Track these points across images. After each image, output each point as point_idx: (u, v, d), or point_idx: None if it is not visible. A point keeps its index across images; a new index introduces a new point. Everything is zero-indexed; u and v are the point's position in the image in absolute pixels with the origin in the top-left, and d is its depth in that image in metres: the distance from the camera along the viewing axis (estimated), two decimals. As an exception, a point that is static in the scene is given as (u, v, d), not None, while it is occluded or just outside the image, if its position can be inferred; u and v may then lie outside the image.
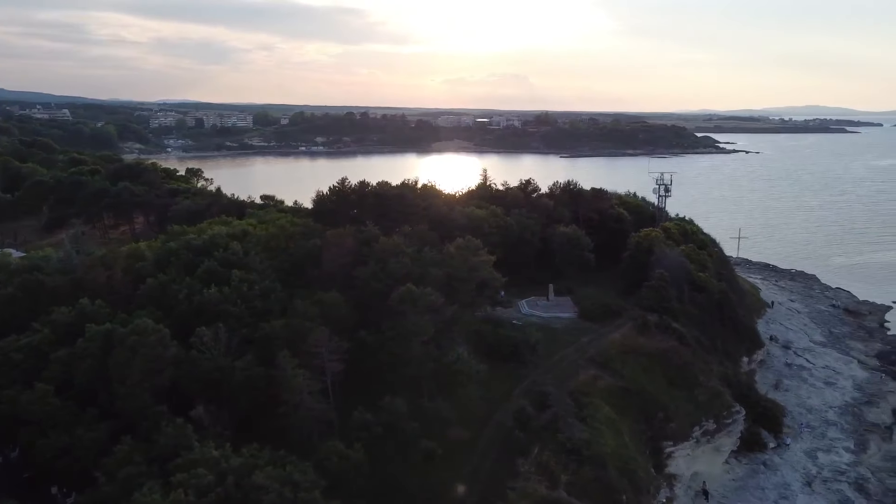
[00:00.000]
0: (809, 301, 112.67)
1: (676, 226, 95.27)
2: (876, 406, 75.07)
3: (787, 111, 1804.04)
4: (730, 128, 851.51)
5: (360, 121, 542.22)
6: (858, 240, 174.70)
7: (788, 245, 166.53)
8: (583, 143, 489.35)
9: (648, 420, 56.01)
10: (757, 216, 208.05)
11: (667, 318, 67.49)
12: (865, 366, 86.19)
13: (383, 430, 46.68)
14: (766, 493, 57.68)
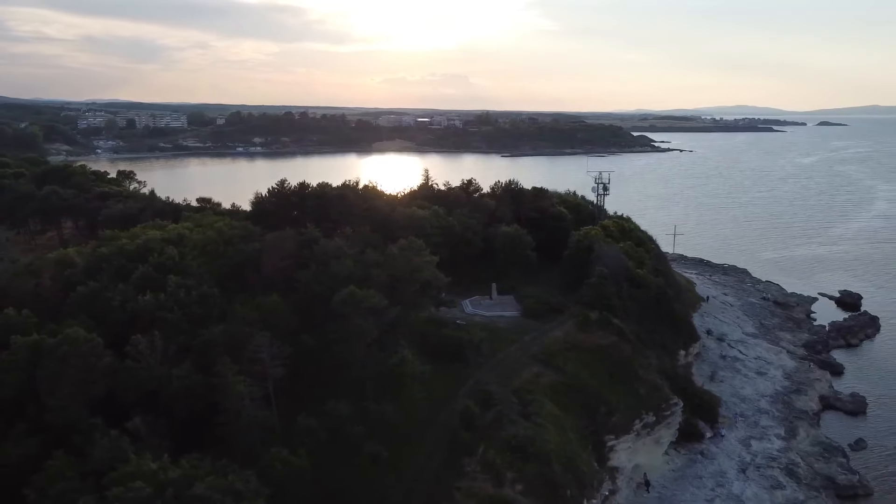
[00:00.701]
0: (742, 294, 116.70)
1: (615, 224, 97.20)
2: (804, 394, 78.33)
3: (718, 111, 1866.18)
4: (664, 127, 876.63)
5: (300, 121, 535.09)
6: (785, 234, 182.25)
7: (721, 240, 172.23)
8: (523, 143, 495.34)
9: (591, 415, 56.98)
10: (691, 213, 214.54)
11: (607, 314, 68.78)
12: (794, 355, 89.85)
13: (328, 434, 46.25)
14: (704, 482, 59.47)
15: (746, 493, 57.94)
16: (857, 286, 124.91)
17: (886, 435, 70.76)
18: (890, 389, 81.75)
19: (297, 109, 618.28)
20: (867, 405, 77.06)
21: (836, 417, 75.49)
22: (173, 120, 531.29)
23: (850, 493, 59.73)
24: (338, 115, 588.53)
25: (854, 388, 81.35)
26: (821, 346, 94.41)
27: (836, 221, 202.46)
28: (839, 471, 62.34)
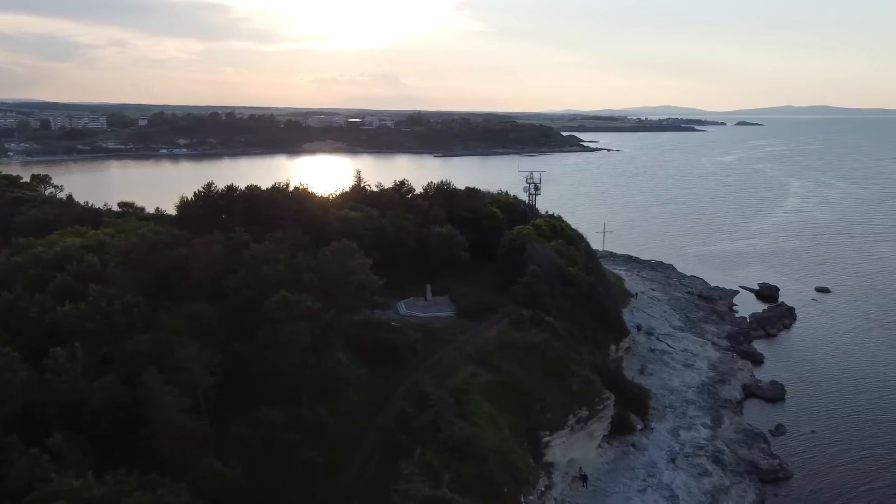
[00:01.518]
0: (668, 289, 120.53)
1: (547, 222, 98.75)
2: (728, 383, 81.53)
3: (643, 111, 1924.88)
4: (593, 127, 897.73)
5: (226, 121, 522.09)
6: (707, 230, 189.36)
7: (648, 237, 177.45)
8: (456, 143, 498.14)
9: (526, 412, 57.69)
10: (619, 210, 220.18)
11: (540, 312, 69.81)
12: (718, 347, 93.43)
13: (261, 442, 45.24)
14: (636, 473, 61.09)
15: (676, 481, 59.85)
16: (775, 279, 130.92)
17: (803, 420, 74.38)
18: (805, 376, 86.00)
19: (224, 110, 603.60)
20: (785, 392, 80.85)
21: (757, 405, 78.87)
22: (92, 121, 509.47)
23: (771, 477, 62.50)
24: (266, 116, 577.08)
25: (773, 376, 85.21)
26: (742, 337, 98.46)
27: (753, 217, 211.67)
28: (761, 456, 65.14)
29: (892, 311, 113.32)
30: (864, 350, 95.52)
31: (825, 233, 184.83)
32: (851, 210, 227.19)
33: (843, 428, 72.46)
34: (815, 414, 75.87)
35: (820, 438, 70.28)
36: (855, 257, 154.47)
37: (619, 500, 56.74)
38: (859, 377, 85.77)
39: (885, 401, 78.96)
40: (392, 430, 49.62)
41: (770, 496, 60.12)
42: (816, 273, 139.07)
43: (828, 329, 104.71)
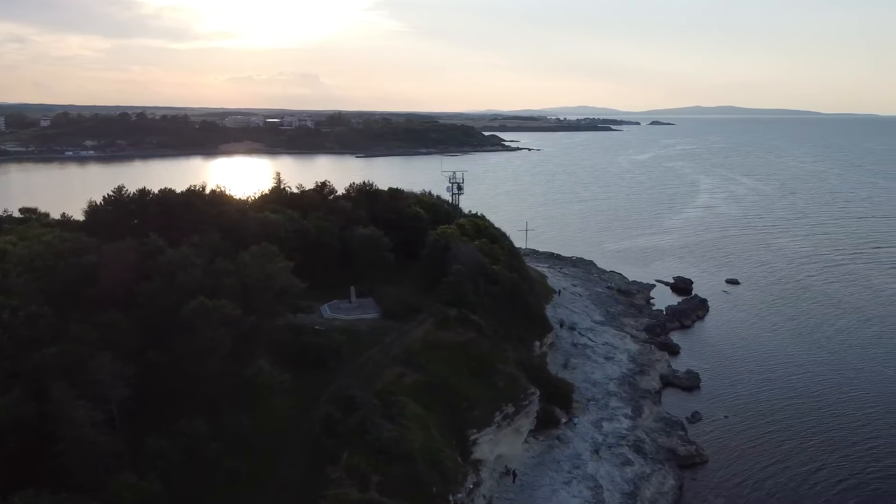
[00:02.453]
0: (589, 284, 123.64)
1: (470, 222, 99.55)
2: (647, 374, 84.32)
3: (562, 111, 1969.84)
4: (513, 127, 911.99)
5: (137, 122, 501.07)
6: (624, 226, 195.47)
7: (569, 234, 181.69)
8: (378, 143, 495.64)
9: (453, 411, 57.89)
10: (541, 208, 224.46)
11: (465, 311, 70.29)
12: (637, 339, 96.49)
13: (182, 454, 43.65)
14: (562, 465, 62.35)
15: (600, 472, 61.43)
16: (688, 272, 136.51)
17: (717, 406, 77.74)
18: (718, 365, 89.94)
19: (134, 110, 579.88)
20: (700, 380, 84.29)
21: (674, 394, 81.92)
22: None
23: (689, 463, 65.02)
24: (180, 116, 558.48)
25: (689, 366, 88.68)
26: (660, 329, 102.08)
27: (667, 213, 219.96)
28: (679, 443, 67.64)
29: (794, 300, 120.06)
30: (771, 337, 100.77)
31: (733, 227, 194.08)
32: (755, 205, 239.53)
33: (753, 412, 76.17)
34: (727, 400, 79.42)
35: (732, 423, 73.63)
36: (760, 250, 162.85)
37: (545, 494, 57.74)
38: (767, 363, 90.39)
39: (792, 385, 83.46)
40: (318, 435, 48.83)
41: (688, 481, 62.51)
42: (726, 265, 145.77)
43: (738, 319, 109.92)
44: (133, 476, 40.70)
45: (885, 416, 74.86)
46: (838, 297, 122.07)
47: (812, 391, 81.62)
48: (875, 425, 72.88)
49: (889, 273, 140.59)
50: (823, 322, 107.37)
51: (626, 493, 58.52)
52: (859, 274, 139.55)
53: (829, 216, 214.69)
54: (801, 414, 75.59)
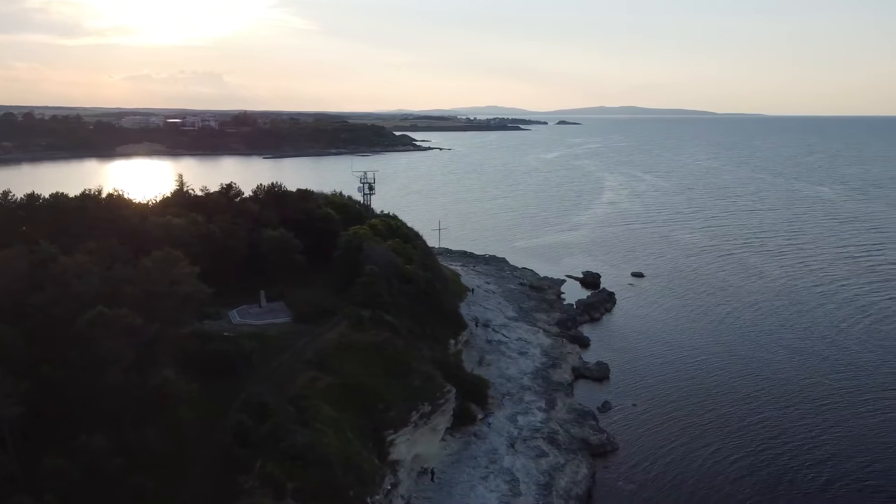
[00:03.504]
0: (502, 281, 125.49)
1: (382, 222, 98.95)
2: (559, 367, 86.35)
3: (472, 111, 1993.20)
4: (424, 126, 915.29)
5: (23, 122, 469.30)
6: (534, 223, 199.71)
7: (481, 232, 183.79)
8: (286, 144, 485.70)
9: (369, 412, 57.36)
10: (453, 207, 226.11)
11: (379, 311, 69.79)
12: (549, 333, 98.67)
13: (82, 472, 41.26)
14: (479, 461, 62.90)
15: (516, 465, 62.38)
16: (596, 266, 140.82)
17: (626, 395, 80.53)
18: (626, 355, 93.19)
19: (20, 109, 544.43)
20: (610, 371, 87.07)
21: (586, 385, 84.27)
22: None
23: (601, 451, 67.00)
24: (72, 116, 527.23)
25: (599, 357, 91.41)
26: (571, 323, 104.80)
27: (574, 209, 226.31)
28: (591, 432, 69.62)
29: (693, 289, 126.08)
30: (673, 326, 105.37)
31: (636, 222, 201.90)
32: (656, 200, 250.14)
33: (659, 399, 79.36)
34: (635, 388, 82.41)
35: (640, 410, 76.47)
36: (661, 243, 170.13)
37: (463, 490, 58.09)
38: (671, 351, 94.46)
39: (694, 370, 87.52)
40: (229, 444, 47.23)
41: (600, 468, 64.40)
42: (631, 259, 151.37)
43: (643, 310, 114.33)
44: (28, 499, 38.21)
45: (775, 397, 79.55)
46: (732, 285, 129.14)
47: (711, 376, 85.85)
48: (767, 406, 77.33)
49: (775, 261, 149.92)
50: (720, 309, 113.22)
51: (541, 485, 59.67)
52: (750, 263, 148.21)
53: (722, 210, 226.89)
54: (703, 398, 79.35)
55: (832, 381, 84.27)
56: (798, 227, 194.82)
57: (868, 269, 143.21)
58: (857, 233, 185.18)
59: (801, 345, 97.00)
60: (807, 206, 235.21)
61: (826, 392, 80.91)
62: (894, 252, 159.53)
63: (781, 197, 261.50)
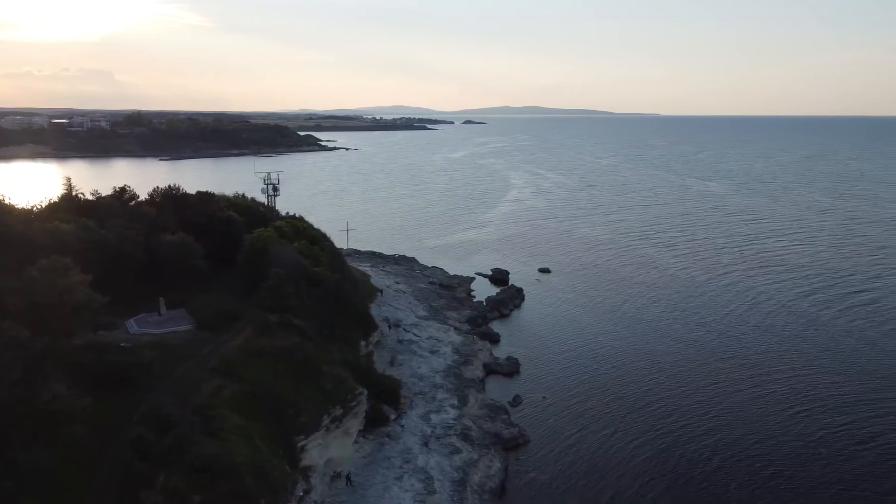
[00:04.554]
0: (412, 281, 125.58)
1: (288, 224, 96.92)
2: (471, 364, 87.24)
3: (378, 111, 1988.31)
4: (329, 126, 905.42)
5: None
6: (442, 222, 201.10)
7: (390, 232, 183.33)
8: (184, 145, 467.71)
9: (279, 419, 55.99)
10: (360, 207, 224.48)
11: (287, 315, 68.25)
12: (460, 331, 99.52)
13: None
14: (393, 462, 62.66)
15: (430, 463, 62.54)
16: (504, 263, 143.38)
17: (536, 388, 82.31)
18: (535, 350, 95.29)
19: None
20: (520, 365, 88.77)
21: (497, 380, 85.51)
22: None
23: (513, 444, 68.14)
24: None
25: (509, 353, 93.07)
26: (481, 320, 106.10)
27: (482, 208, 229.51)
28: (503, 426, 70.72)
29: (596, 283, 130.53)
30: (580, 319, 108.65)
31: (541, 218, 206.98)
32: (559, 197, 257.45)
33: (568, 390, 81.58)
34: (545, 381, 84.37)
35: (550, 402, 78.35)
36: (566, 239, 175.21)
37: (377, 492, 57.72)
38: (578, 343, 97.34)
39: (600, 361, 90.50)
40: (129, 460, 44.88)
41: (513, 462, 65.51)
42: (538, 255, 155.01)
43: (551, 304, 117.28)
44: None
45: (672, 380, 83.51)
46: (631, 277, 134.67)
47: (615, 364, 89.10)
48: (664, 388, 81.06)
49: (670, 252, 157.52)
50: (621, 301, 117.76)
51: (455, 481, 60.07)
52: (647, 255, 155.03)
53: (621, 205, 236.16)
54: (607, 386, 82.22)
55: (720, 361, 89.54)
56: (689, 220, 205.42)
57: (751, 257, 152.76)
58: (741, 224, 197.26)
59: (693, 330, 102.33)
60: (697, 201, 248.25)
61: (714, 372, 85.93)
62: (775, 241, 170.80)
63: (674, 192, 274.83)
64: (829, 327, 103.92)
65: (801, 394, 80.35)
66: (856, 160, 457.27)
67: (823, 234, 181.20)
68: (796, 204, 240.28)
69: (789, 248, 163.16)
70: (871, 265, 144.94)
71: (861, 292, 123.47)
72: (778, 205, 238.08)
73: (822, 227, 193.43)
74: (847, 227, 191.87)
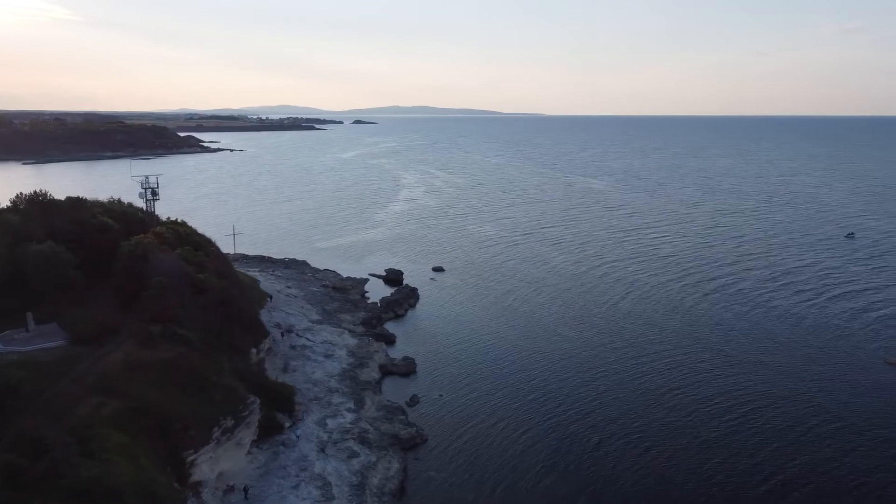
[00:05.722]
0: (304, 285, 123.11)
1: (170, 229, 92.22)
2: (367, 366, 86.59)
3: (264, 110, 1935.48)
4: (212, 127, 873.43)
5: None
6: (333, 223, 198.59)
7: (278, 235, 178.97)
8: (50, 147, 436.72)
9: (166, 434, 53.35)
10: (247, 211, 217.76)
11: (171, 326, 65.05)
12: (355, 333, 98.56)
13: None
14: (289, 470, 61.17)
15: (328, 469, 61.55)
16: (398, 263, 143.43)
17: (432, 387, 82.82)
18: (431, 348, 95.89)
19: None
20: (416, 365, 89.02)
21: (394, 381, 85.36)
22: None
23: (411, 444, 68.21)
24: None
25: (405, 353, 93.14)
26: (375, 321, 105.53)
27: (374, 208, 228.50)
28: (401, 427, 70.66)
29: (489, 279, 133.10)
30: (474, 316, 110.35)
31: (433, 217, 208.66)
32: (450, 196, 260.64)
33: (463, 386, 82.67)
34: (441, 380, 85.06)
35: (447, 400, 79.06)
36: (458, 237, 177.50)
37: (273, 502, 56.17)
38: (473, 340, 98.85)
39: (494, 357, 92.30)
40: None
41: (412, 461, 65.59)
42: (431, 254, 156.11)
43: (445, 302, 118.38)
44: None
45: (560, 369, 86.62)
46: (521, 272, 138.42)
47: (508, 358, 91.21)
48: (553, 378, 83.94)
49: (556, 247, 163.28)
50: (512, 295, 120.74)
51: (354, 485, 59.43)
52: (535, 250, 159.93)
53: (509, 203, 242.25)
54: (501, 380, 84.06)
55: (603, 348, 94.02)
56: (574, 215, 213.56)
57: (631, 249, 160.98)
58: (622, 218, 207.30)
59: (579, 320, 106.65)
60: (581, 197, 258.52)
61: (597, 358, 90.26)
62: (651, 233, 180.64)
63: (559, 189, 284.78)
64: (698, 311, 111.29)
65: (673, 374, 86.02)
66: (723, 157, 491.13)
67: (695, 226, 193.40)
68: (670, 198, 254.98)
69: (664, 240, 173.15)
70: (734, 253, 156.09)
71: (724, 277, 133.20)
72: (654, 199, 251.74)
73: (693, 219, 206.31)
74: (714, 219, 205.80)
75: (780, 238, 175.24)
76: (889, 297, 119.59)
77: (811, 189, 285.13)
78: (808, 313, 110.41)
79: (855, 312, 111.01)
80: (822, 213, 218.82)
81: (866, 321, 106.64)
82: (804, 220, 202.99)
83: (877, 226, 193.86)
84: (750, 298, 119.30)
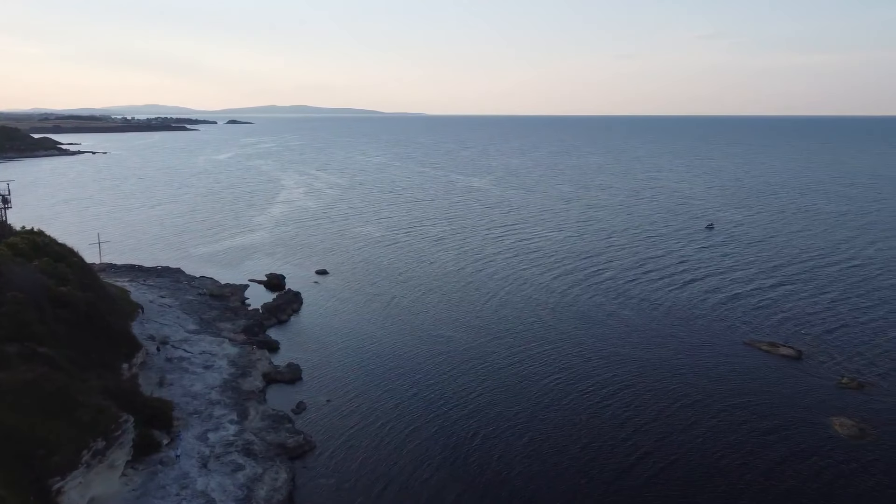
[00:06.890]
0: (178, 293, 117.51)
1: (25, 239, 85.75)
2: (249, 375, 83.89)
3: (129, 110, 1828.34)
4: (71, 128, 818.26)
5: None
6: (208, 228, 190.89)
7: (148, 242, 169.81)
8: None
9: (27, 462, 49.33)
10: (113, 218, 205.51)
11: (30, 344, 60.31)
12: (235, 342, 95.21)
13: None
14: (168, 490, 58.24)
15: (211, 485, 59.12)
16: (280, 267, 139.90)
17: (319, 393, 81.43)
18: (316, 353, 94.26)
19: None
20: (302, 371, 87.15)
21: (279, 389, 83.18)
22: None
23: (298, 453, 66.75)
24: None
25: (290, 359, 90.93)
26: (257, 328, 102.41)
27: (251, 211, 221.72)
28: (287, 435, 69.01)
29: (373, 280, 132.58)
30: (360, 318, 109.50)
31: (314, 219, 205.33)
32: (331, 197, 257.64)
33: (351, 390, 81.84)
34: (328, 385, 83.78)
35: (335, 405, 78.00)
36: (340, 238, 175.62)
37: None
38: (359, 342, 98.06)
39: (382, 359, 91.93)
40: None
41: (300, 470, 64.23)
42: (314, 257, 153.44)
43: (330, 306, 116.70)
44: None
45: (449, 367, 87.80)
46: (406, 271, 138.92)
47: (396, 359, 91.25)
48: (442, 376, 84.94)
49: (439, 245, 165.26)
50: (398, 295, 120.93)
51: (240, 500, 57.43)
52: (419, 249, 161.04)
53: (391, 202, 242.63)
54: (390, 381, 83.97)
55: (486, 342, 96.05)
56: (455, 213, 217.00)
57: (511, 245, 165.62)
58: (501, 215, 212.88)
59: (462, 316, 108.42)
60: (461, 195, 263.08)
61: (481, 352, 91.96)
62: (530, 229, 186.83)
63: (441, 188, 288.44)
64: (570, 302, 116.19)
65: (554, 364, 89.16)
66: (594, 155, 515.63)
67: (570, 221, 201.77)
68: (546, 195, 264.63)
69: (540, 234, 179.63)
70: (606, 246, 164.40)
71: (594, 267, 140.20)
72: (532, 196, 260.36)
73: (568, 214, 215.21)
74: (586, 213, 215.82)
75: (646, 230, 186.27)
76: (747, 282, 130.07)
77: (674, 184, 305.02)
78: (672, 300, 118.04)
79: (719, 298, 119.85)
80: (683, 205, 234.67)
81: (730, 306, 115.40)
82: (668, 213, 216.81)
83: (733, 217, 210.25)
84: (618, 287, 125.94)
